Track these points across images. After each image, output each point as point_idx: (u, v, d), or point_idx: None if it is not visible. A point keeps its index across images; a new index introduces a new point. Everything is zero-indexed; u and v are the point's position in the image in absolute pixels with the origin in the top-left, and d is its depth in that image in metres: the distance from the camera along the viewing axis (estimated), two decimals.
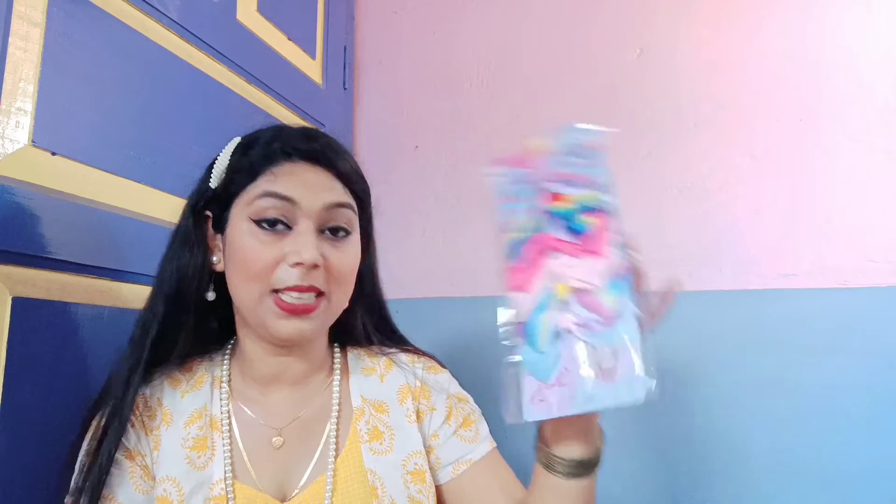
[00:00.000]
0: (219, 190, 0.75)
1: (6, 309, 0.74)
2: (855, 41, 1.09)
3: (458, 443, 0.81)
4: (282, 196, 0.70)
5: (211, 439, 0.73)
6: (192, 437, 0.73)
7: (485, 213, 1.14)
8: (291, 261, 0.69)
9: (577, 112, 1.28)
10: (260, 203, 0.71)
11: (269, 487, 0.73)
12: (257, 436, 0.75)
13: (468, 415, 0.83)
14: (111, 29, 0.90)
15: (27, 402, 0.76)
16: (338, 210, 0.73)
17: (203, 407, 0.75)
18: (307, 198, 0.71)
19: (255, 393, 0.78)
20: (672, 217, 1.17)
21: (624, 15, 1.27)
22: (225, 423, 0.74)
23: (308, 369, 0.79)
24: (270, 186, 0.71)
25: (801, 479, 1.02)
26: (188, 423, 0.74)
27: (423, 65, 1.46)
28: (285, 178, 0.71)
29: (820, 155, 1.09)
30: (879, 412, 0.98)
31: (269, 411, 0.77)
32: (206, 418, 0.75)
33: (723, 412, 1.08)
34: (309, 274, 0.70)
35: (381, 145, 1.48)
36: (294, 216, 0.71)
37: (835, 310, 1.03)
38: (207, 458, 0.72)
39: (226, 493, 0.70)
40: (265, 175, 0.72)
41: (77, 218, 0.84)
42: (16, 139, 0.76)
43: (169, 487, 0.70)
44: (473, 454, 0.81)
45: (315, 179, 0.73)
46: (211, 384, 0.77)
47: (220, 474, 0.71)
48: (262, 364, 0.77)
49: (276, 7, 1.27)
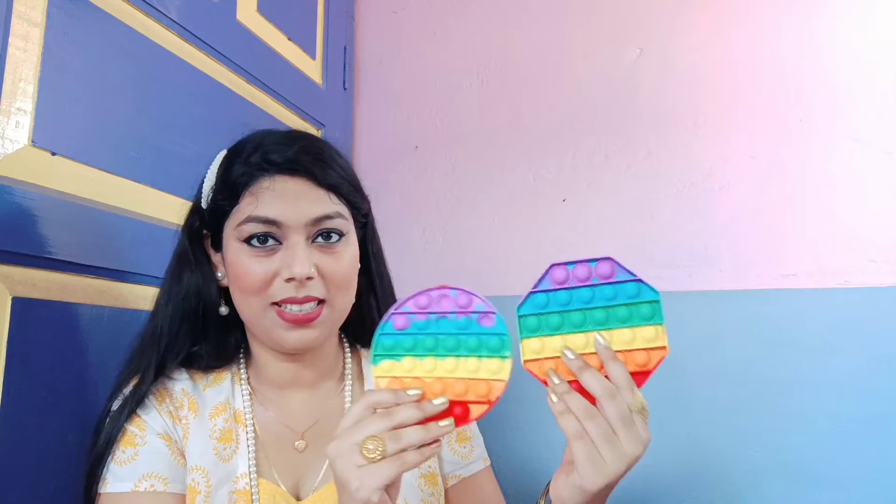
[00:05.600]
0: (208, 211, 0.75)
1: (6, 309, 0.74)
2: (855, 41, 1.09)
3: (451, 456, 0.82)
4: (264, 220, 0.70)
5: (235, 433, 0.74)
6: (219, 428, 0.74)
7: (485, 212, 1.16)
8: (284, 276, 0.69)
9: (577, 112, 1.28)
10: (245, 228, 0.71)
11: (286, 485, 0.74)
12: (277, 434, 0.76)
13: (462, 431, 0.84)
14: (111, 29, 0.90)
15: (27, 402, 0.76)
16: (325, 221, 0.72)
17: (226, 401, 0.76)
18: (290, 216, 0.70)
19: (273, 394, 0.79)
20: (672, 217, 1.17)
21: (623, 15, 1.27)
22: (248, 417, 0.75)
23: (319, 375, 0.80)
24: (252, 210, 0.70)
25: (801, 479, 1.02)
26: (213, 415, 0.75)
27: (423, 65, 1.46)
28: (266, 199, 0.70)
29: (820, 155, 1.09)
30: (879, 412, 0.98)
31: (287, 412, 0.78)
32: (230, 411, 0.76)
33: (723, 412, 1.07)
34: (304, 286, 0.70)
35: (381, 145, 1.48)
36: (282, 233, 0.71)
37: (835, 310, 1.03)
38: (232, 451, 0.73)
39: (250, 487, 0.72)
40: (245, 197, 0.71)
41: (77, 218, 0.84)
42: (16, 139, 0.76)
43: (197, 477, 0.71)
44: (465, 471, 0.82)
45: (297, 192, 0.71)
46: (231, 381, 0.78)
47: (245, 468, 0.73)
48: (274, 370, 0.78)
49: (276, 7, 1.27)
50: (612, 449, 0.56)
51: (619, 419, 0.56)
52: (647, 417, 0.57)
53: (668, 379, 1.11)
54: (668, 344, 0.58)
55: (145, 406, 0.73)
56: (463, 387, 0.59)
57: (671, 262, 1.16)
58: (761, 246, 1.11)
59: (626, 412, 0.56)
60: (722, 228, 1.14)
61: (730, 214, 1.13)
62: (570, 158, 1.27)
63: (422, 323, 0.61)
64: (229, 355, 0.79)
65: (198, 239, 0.78)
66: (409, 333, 0.61)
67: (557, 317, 0.59)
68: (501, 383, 0.59)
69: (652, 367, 0.59)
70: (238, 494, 0.71)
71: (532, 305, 0.60)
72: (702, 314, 1.11)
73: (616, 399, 0.56)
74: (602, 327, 0.59)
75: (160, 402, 0.74)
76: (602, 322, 0.59)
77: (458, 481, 0.82)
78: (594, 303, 0.59)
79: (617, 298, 0.59)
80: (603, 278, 0.59)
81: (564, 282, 0.60)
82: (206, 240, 0.78)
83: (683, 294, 1.14)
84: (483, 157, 1.36)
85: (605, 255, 0.59)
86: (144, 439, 0.71)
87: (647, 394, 0.59)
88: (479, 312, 0.60)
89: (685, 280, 1.15)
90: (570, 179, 1.26)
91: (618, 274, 0.59)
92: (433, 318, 0.61)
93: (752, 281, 1.10)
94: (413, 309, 0.61)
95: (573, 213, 1.24)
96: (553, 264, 0.60)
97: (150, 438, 0.71)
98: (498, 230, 1.31)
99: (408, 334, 0.61)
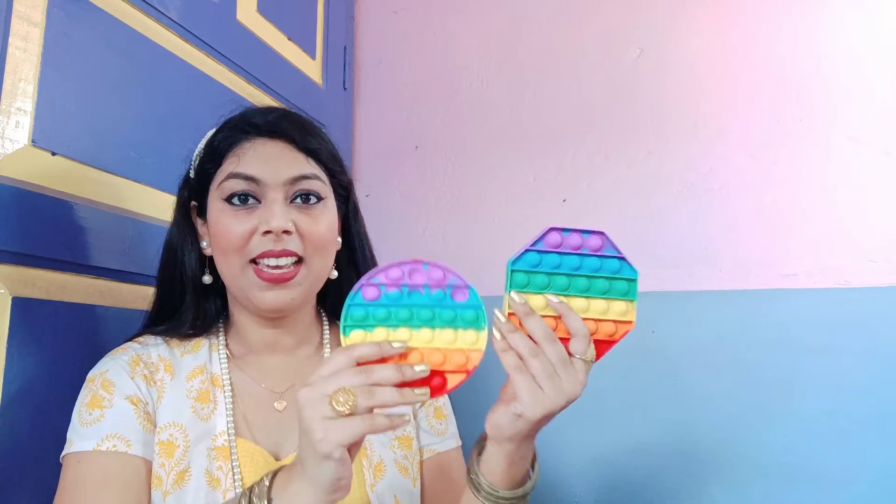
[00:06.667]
0: (195, 179, 0.79)
1: (6, 309, 0.74)
2: (855, 41, 1.09)
3: (428, 429, 0.84)
4: (244, 176, 0.73)
5: (213, 394, 0.75)
6: (196, 389, 0.75)
7: (485, 212, 1.15)
8: (262, 230, 0.71)
9: (577, 112, 1.28)
10: (227, 185, 0.74)
11: (265, 445, 0.74)
12: (256, 396, 0.77)
13: (440, 406, 0.87)
14: (111, 29, 0.90)
15: (27, 401, 0.76)
16: (303, 181, 0.75)
17: (203, 365, 0.77)
18: (269, 174, 0.73)
19: (252, 358, 0.80)
20: (672, 217, 1.17)
21: (623, 15, 1.27)
22: (226, 380, 0.76)
23: (297, 342, 0.81)
24: (234, 168, 0.74)
25: (801, 479, 1.02)
26: (190, 377, 0.76)
27: (423, 65, 1.46)
28: (247, 158, 0.74)
29: (820, 155, 1.09)
30: (879, 412, 0.98)
31: (266, 375, 0.79)
32: (206, 374, 0.77)
33: (722, 412, 1.08)
34: (281, 240, 0.71)
35: (381, 145, 1.48)
36: (261, 191, 0.73)
37: (835, 310, 1.03)
38: (210, 411, 0.74)
39: (228, 444, 0.72)
40: (229, 158, 0.75)
41: (77, 218, 0.84)
42: (16, 139, 0.76)
43: (175, 433, 0.72)
44: (439, 446, 0.84)
45: (276, 153, 0.75)
46: (209, 348, 0.79)
47: (223, 427, 0.73)
48: (253, 334, 0.79)
49: (276, 7, 1.27)
50: (552, 384, 0.59)
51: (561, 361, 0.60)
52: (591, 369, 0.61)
53: (668, 379, 1.12)
54: (635, 320, 0.63)
55: (117, 371, 0.73)
56: (440, 357, 0.60)
57: (671, 262, 1.16)
58: (761, 246, 1.11)
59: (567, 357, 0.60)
60: (722, 228, 1.14)
61: (730, 214, 1.14)
62: (570, 158, 1.27)
63: (394, 295, 0.61)
64: (208, 324, 0.80)
65: (185, 210, 0.81)
66: (382, 304, 0.60)
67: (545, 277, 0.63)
68: (479, 353, 0.60)
69: (618, 338, 0.63)
70: (217, 451, 0.72)
71: (525, 262, 0.62)
72: (702, 314, 1.11)
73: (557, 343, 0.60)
74: (583, 294, 0.63)
75: (133, 367, 0.74)
76: (584, 290, 0.63)
77: (433, 455, 0.83)
78: (581, 271, 0.63)
79: (601, 271, 0.63)
80: (592, 250, 0.63)
81: (558, 246, 0.63)
82: (194, 211, 0.80)
83: (683, 294, 1.14)
84: (483, 157, 1.36)
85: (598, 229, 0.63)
86: (112, 402, 0.71)
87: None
88: (452, 287, 0.61)
89: (685, 280, 1.15)
90: (571, 179, 1.27)
91: (606, 248, 0.63)
92: (406, 291, 0.61)
93: (752, 281, 1.10)
94: (384, 281, 0.61)
95: (573, 213, 1.24)
96: (551, 228, 0.63)
97: (117, 401, 0.71)
98: (498, 230, 1.31)
99: (380, 305, 0.60)
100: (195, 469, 0.71)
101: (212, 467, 0.71)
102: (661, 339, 1.13)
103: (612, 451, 1.15)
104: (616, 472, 1.13)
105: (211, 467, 0.71)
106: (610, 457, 1.15)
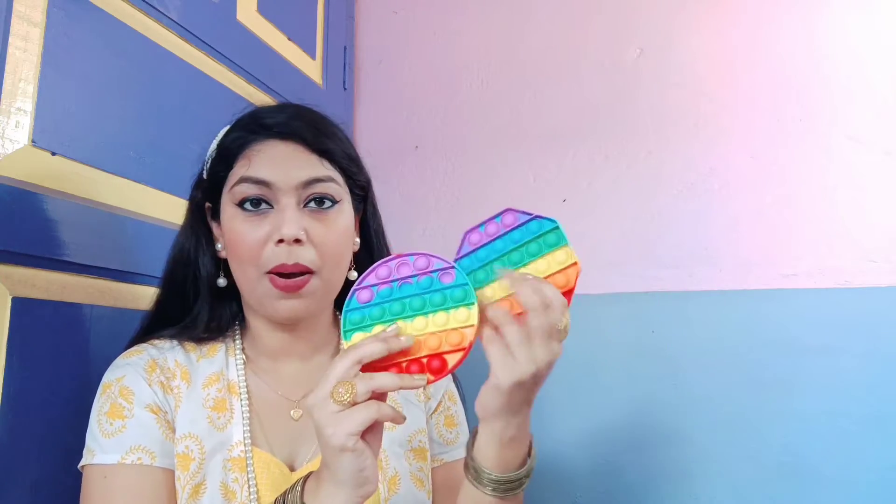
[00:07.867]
0: (208, 180, 0.77)
1: (6, 309, 0.74)
2: (855, 41, 1.09)
3: (438, 438, 0.83)
4: (255, 180, 0.71)
5: (229, 402, 0.74)
6: (212, 398, 0.74)
7: (485, 213, 1.14)
8: (274, 238, 0.70)
9: (577, 112, 1.28)
10: (238, 189, 0.72)
11: (280, 455, 0.74)
12: (272, 404, 0.76)
13: (453, 415, 0.85)
14: (111, 29, 0.90)
15: (27, 402, 0.76)
16: (316, 185, 0.73)
17: (220, 371, 0.76)
18: (281, 177, 0.71)
19: (268, 364, 0.79)
20: (672, 217, 1.17)
21: (624, 15, 1.27)
22: (242, 387, 0.75)
23: (313, 348, 0.80)
24: (245, 171, 0.72)
25: (801, 479, 1.02)
26: (206, 385, 0.75)
27: (423, 65, 1.46)
28: (258, 160, 0.72)
29: (820, 155, 1.09)
30: (880, 412, 0.99)
31: (282, 382, 0.78)
32: (223, 382, 0.75)
33: (722, 411, 1.08)
34: (293, 251, 0.70)
35: (381, 145, 1.48)
36: (274, 196, 0.71)
37: (835, 310, 1.04)
38: (227, 420, 0.73)
39: (245, 455, 0.72)
40: (240, 160, 0.73)
41: (77, 218, 0.84)
42: (16, 139, 0.76)
43: (191, 445, 0.71)
44: (448, 455, 0.83)
45: (288, 155, 0.73)
46: (225, 352, 0.78)
47: (239, 437, 0.72)
48: (269, 339, 0.78)
49: (276, 7, 1.27)
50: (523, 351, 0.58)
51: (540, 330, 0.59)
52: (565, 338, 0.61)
53: (668, 379, 1.12)
54: (578, 260, 0.63)
55: (133, 377, 0.72)
56: (436, 340, 0.61)
57: (671, 262, 1.16)
58: (761, 246, 1.11)
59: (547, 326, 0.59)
60: (722, 228, 1.14)
61: (730, 214, 1.14)
62: (571, 159, 1.27)
63: (385, 292, 0.62)
64: (223, 327, 0.79)
65: (199, 211, 0.79)
66: (375, 304, 0.62)
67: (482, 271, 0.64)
68: (472, 328, 0.61)
69: (573, 284, 0.63)
70: (233, 462, 0.71)
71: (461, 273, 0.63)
72: (702, 314, 1.11)
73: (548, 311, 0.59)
74: (520, 265, 0.63)
75: (150, 373, 0.73)
76: (518, 262, 0.64)
77: (440, 465, 0.82)
78: (507, 248, 0.64)
79: (525, 238, 0.64)
80: (509, 227, 0.64)
81: (479, 242, 0.64)
82: (208, 212, 0.79)
83: (683, 294, 1.14)
84: (483, 157, 1.36)
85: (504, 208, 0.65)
86: (132, 411, 0.70)
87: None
88: (438, 270, 0.62)
89: (685, 280, 1.15)
90: (571, 179, 1.27)
91: (519, 218, 0.64)
92: (396, 286, 0.62)
93: (752, 281, 1.10)
94: (375, 281, 0.63)
95: (573, 213, 1.24)
96: (466, 231, 0.65)
97: (137, 411, 0.70)
98: None
99: (374, 305, 0.62)
100: (210, 482, 0.70)
101: (227, 479, 0.70)
102: (661, 339, 1.13)
103: (612, 450, 1.15)
104: (616, 472, 1.13)
105: (226, 479, 0.70)
106: (610, 457, 1.15)
